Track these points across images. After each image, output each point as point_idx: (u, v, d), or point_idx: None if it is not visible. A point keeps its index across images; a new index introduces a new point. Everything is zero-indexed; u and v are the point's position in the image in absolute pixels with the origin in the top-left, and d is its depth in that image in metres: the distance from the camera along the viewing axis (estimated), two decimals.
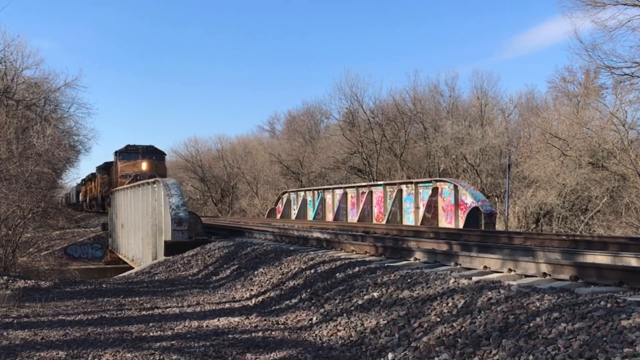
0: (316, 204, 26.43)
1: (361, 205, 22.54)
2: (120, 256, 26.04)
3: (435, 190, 18.90)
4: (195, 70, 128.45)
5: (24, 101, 31.55)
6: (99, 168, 40.83)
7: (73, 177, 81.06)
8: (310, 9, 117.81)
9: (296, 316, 7.76)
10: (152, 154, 31.68)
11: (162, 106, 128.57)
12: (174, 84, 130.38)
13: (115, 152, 32.53)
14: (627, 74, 22.25)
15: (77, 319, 8.31)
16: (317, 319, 7.37)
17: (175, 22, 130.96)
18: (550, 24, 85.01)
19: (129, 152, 31.48)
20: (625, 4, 20.95)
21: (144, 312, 8.78)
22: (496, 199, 32.39)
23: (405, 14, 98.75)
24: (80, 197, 56.41)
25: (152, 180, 19.61)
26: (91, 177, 46.75)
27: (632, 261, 7.35)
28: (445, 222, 18.38)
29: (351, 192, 24.12)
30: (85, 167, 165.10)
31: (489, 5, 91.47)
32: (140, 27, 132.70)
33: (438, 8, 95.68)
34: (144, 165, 30.27)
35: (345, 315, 7.07)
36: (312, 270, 9.41)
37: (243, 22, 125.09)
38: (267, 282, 10.05)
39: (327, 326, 6.96)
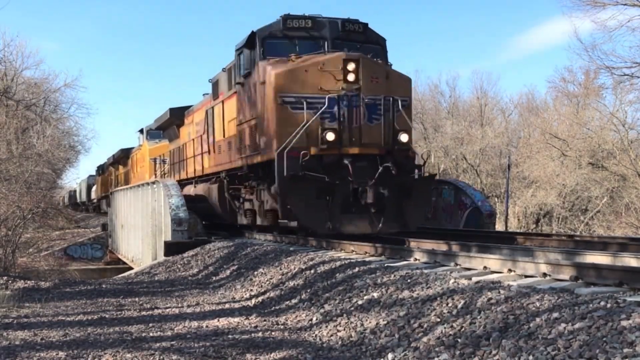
0: None
1: None
2: (120, 256, 26.02)
3: (435, 191, 18.88)
4: (195, 66, 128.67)
5: (23, 101, 31.52)
6: (148, 132, 25.63)
7: (73, 177, 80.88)
8: (310, 8, 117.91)
9: (296, 316, 7.76)
10: (361, 43, 12.71)
11: (163, 104, 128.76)
12: (174, 81, 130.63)
13: (251, 37, 12.76)
14: (627, 74, 22.26)
15: (77, 319, 8.30)
16: (317, 319, 7.37)
17: (173, 16, 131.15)
18: (550, 24, 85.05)
19: (294, 35, 12.47)
20: (625, 4, 20.95)
21: (143, 313, 8.77)
22: (496, 199, 32.40)
23: (405, 14, 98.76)
24: (93, 194, 44.53)
25: (151, 180, 19.54)
26: (121, 156, 33.59)
27: (632, 261, 7.35)
28: (445, 222, 18.37)
29: None
30: (85, 167, 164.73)
31: (489, 6, 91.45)
32: (139, 20, 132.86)
33: (438, 8, 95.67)
34: (352, 71, 11.35)
35: (345, 315, 7.07)
36: (312, 271, 9.41)
37: (243, 18, 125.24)
38: (267, 282, 10.04)
39: (327, 326, 6.96)
